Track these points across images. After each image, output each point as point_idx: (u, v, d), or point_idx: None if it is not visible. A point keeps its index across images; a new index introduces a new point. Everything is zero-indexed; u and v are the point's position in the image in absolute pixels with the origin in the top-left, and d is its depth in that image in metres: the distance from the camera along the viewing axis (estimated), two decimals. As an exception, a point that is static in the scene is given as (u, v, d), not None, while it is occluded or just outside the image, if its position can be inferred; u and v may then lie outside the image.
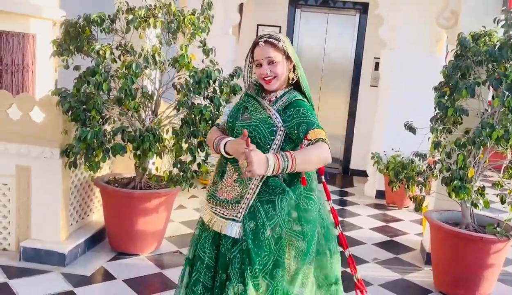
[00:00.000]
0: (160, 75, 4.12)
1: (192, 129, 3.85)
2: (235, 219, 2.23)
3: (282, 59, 2.27)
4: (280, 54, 2.26)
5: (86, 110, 3.74)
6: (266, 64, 2.26)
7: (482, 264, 3.72)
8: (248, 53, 2.37)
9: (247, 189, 2.22)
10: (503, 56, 3.61)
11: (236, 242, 2.23)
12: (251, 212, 2.22)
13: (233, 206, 2.25)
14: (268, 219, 2.19)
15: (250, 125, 2.25)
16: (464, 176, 3.58)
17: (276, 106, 2.28)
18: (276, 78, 2.27)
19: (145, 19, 3.90)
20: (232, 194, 2.26)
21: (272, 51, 2.25)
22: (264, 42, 2.26)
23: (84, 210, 4.38)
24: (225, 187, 2.30)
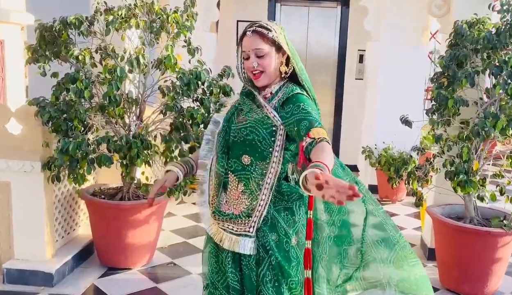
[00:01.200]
0: (143, 78, 3.89)
1: (183, 134, 3.64)
2: (247, 235, 2.02)
3: (272, 50, 2.02)
4: (269, 45, 2.02)
5: (67, 119, 3.51)
6: (253, 57, 2.02)
7: (489, 258, 3.61)
8: (238, 44, 2.11)
9: (258, 200, 2.02)
10: (502, 42, 3.49)
11: (260, 259, 2.03)
12: (269, 224, 2.03)
13: (244, 220, 2.04)
14: (289, 227, 2.03)
15: (246, 128, 2.05)
16: (469, 169, 3.45)
17: (272, 103, 2.07)
18: (264, 73, 2.04)
19: (125, 19, 3.67)
20: (240, 207, 2.06)
21: (261, 42, 2.00)
22: (252, 32, 2.01)
23: (70, 225, 4.14)
24: (231, 200, 2.08)
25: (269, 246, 2.01)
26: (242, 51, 2.07)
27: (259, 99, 2.07)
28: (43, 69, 3.69)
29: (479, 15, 3.80)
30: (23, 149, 3.58)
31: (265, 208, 2.02)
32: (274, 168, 2.01)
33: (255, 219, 2.03)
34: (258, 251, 2.03)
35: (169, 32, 3.76)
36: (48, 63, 3.70)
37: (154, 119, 3.92)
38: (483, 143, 3.59)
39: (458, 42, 3.72)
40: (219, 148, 2.13)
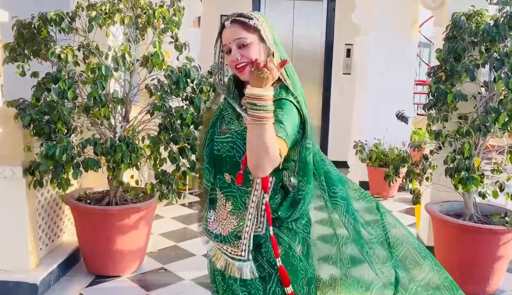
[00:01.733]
0: (129, 77, 3.71)
1: (172, 135, 3.47)
2: (241, 259, 1.83)
3: (256, 40, 1.79)
4: (253, 35, 1.78)
5: (50, 121, 3.31)
6: (235, 48, 1.77)
7: (491, 256, 3.53)
8: (216, 40, 1.86)
9: (244, 221, 1.81)
10: (501, 34, 3.39)
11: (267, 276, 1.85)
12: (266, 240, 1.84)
13: (234, 243, 1.84)
14: (292, 241, 1.86)
15: (227, 142, 1.83)
16: (470, 166, 3.35)
17: None
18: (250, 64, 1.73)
19: (109, 15, 3.49)
20: (228, 228, 1.86)
21: (242, 31, 1.77)
22: (231, 22, 1.79)
23: (54, 232, 3.95)
24: (219, 220, 1.89)
25: (274, 261, 1.83)
26: (223, 45, 1.83)
27: (235, 107, 1.82)
28: (22, 69, 3.48)
29: (476, 7, 3.70)
30: (2, 154, 3.38)
31: (252, 229, 1.80)
32: (259, 184, 1.78)
33: (245, 241, 1.81)
34: (263, 267, 1.86)
35: (156, 27, 3.59)
36: (27, 62, 3.50)
37: (141, 119, 3.74)
38: (483, 138, 3.49)
39: (456, 34, 3.61)
40: (205, 159, 1.92)
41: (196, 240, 4.56)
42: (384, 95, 5.91)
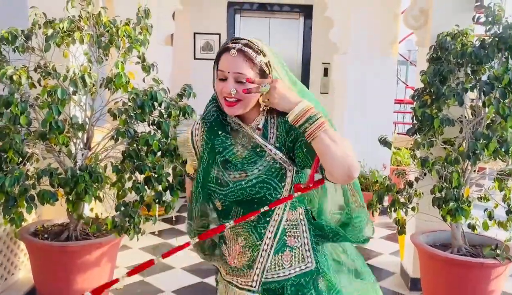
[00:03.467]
0: (91, 100, 3.41)
1: (137, 163, 3.17)
2: (250, 290, 1.75)
3: (256, 77, 1.63)
4: (254, 72, 1.64)
5: (1, 150, 2.98)
6: (232, 81, 1.62)
7: (482, 291, 3.31)
8: (215, 61, 1.70)
9: (259, 250, 1.72)
10: (489, 56, 3.21)
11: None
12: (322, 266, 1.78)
13: (245, 273, 1.76)
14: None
15: (254, 185, 1.67)
16: (459, 196, 3.13)
17: (271, 142, 1.70)
18: (241, 102, 1.64)
19: (68, 33, 3.19)
20: (243, 260, 1.76)
21: (245, 66, 1.62)
22: (238, 50, 1.62)
23: (8, 269, 3.59)
24: (233, 254, 1.78)
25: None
26: (218, 70, 1.66)
27: (257, 139, 1.69)
28: (-30, 91, 3.16)
29: (460, 26, 3.53)
30: None
31: (267, 259, 1.72)
32: (279, 215, 1.71)
33: (257, 271, 1.74)
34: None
35: (120, 47, 3.30)
36: (-23, 84, 3.17)
37: (104, 145, 3.43)
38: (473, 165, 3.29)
39: (441, 56, 3.41)
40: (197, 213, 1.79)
41: (166, 274, 4.25)
42: (363, 114, 5.73)
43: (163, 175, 3.15)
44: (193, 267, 4.33)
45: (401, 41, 7.48)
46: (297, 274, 1.73)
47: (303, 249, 1.75)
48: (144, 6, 3.45)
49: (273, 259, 1.73)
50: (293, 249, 1.74)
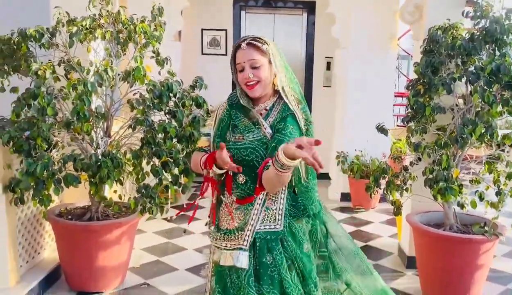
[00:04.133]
0: (110, 92, 3.70)
1: (155, 149, 3.46)
2: (242, 248, 2.05)
3: (266, 63, 2.08)
4: (264, 58, 2.08)
5: (30, 138, 3.28)
6: (248, 68, 2.07)
7: (472, 266, 3.57)
8: (232, 58, 2.15)
9: (250, 215, 2.07)
10: (477, 48, 3.48)
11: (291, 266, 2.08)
12: (291, 233, 2.11)
13: (236, 235, 2.08)
14: (303, 236, 2.14)
15: (246, 148, 2.08)
16: (449, 177, 3.40)
17: (269, 121, 2.10)
18: (259, 83, 2.08)
19: (90, 30, 3.48)
20: (234, 223, 2.11)
21: (256, 54, 2.06)
22: (247, 44, 2.07)
23: (35, 248, 3.90)
24: (224, 215, 2.17)
25: (295, 254, 2.08)
26: (237, 64, 2.10)
27: (257, 117, 2.10)
28: (1, 84, 3.46)
29: (452, 20, 3.78)
30: (-19, 172, 3.33)
31: (257, 222, 2.06)
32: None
33: (248, 233, 2.06)
34: (287, 260, 2.07)
35: (137, 42, 3.59)
36: (7, 78, 3.47)
37: (122, 134, 3.73)
38: (460, 149, 3.56)
39: (432, 48, 3.68)
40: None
41: (179, 254, 4.56)
42: (364, 107, 5.98)
43: (180, 159, 3.44)
44: (204, 248, 4.63)
45: (402, 36, 7.71)
46: (266, 230, 2.07)
47: (277, 212, 2.08)
48: (158, 4, 3.74)
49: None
50: (268, 210, 2.09)
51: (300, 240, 2.12)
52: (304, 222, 2.16)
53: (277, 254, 2.06)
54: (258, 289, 2.03)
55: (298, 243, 2.11)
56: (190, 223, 2.23)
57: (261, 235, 2.07)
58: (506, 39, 3.40)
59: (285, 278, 2.04)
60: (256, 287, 2.03)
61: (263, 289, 2.03)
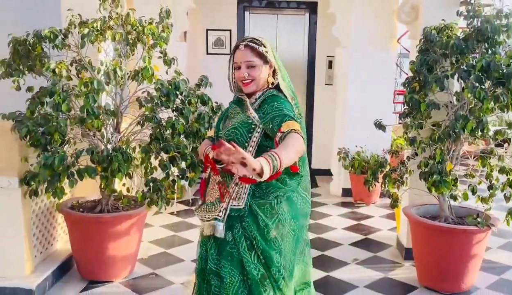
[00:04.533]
0: (120, 90, 3.89)
1: (163, 144, 3.64)
2: (216, 218, 2.27)
3: (261, 63, 2.32)
4: (259, 59, 2.31)
5: (46, 133, 3.47)
6: (244, 68, 2.31)
7: (465, 255, 3.74)
8: (230, 56, 2.39)
9: (228, 188, 2.28)
10: (469, 47, 3.64)
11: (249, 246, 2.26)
12: (251, 215, 2.26)
13: (216, 207, 2.29)
14: (269, 219, 2.25)
15: (229, 129, 2.33)
16: (442, 170, 3.57)
17: (254, 106, 2.33)
18: (253, 81, 2.32)
19: (101, 32, 3.67)
20: (215, 195, 2.33)
21: (251, 55, 2.30)
22: (244, 46, 2.31)
23: (48, 240, 4.09)
24: (210, 190, 2.39)
25: (254, 235, 2.23)
26: (234, 63, 2.35)
27: (246, 104, 2.34)
28: (17, 83, 3.65)
29: (447, 20, 3.94)
30: (-1, 165, 3.52)
31: (232, 195, 2.26)
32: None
33: (225, 205, 2.27)
34: (246, 239, 2.25)
35: (145, 43, 3.78)
36: (23, 77, 3.66)
37: (131, 130, 3.92)
38: (454, 144, 3.72)
39: (428, 47, 3.85)
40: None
41: (185, 246, 4.74)
42: (365, 104, 6.13)
43: (187, 154, 3.62)
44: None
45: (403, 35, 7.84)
46: (232, 207, 2.27)
47: (243, 190, 2.26)
48: (165, 7, 3.92)
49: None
50: (238, 186, 2.27)
51: (263, 224, 2.23)
52: (270, 206, 2.25)
53: (237, 232, 2.25)
54: (218, 263, 2.26)
55: (258, 226, 2.23)
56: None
57: (230, 211, 2.27)
58: (497, 38, 3.56)
59: (244, 256, 2.23)
60: (217, 261, 2.26)
61: (221, 264, 2.25)
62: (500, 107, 3.60)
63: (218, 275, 2.27)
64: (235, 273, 2.24)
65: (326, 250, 4.63)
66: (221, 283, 2.26)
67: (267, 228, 2.24)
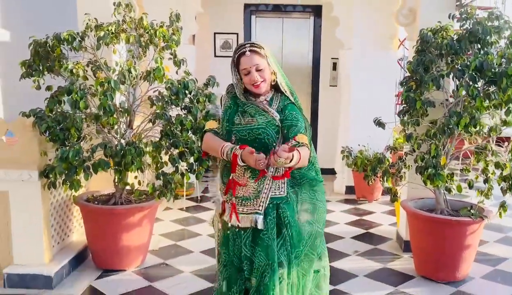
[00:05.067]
0: (132, 90, 4.12)
1: (173, 140, 3.88)
2: (257, 212, 2.50)
3: (266, 64, 2.54)
4: (264, 60, 2.53)
5: (64, 129, 3.71)
6: (254, 71, 2.50)
7: (460, 246, 3.93)
8: (232, 62, 2.58)
9: (263, 184, 2.50)
10: (462, 47, 3.84)
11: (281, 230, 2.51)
12: (287, 203, 2.51)
13: (253, 202, 2.51)
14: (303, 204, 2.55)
15: (258, 128, 2.51)
16: (437, 164, 3.77)
17: (273, 107, 2.55)
18: (264, 82, 2.54)
19: (115, 34, 3.91)
20: (249, 190, 2.52)
21: (258, 59, 2.51)
22: (250, 51, 2.50)
23: (64, 231, 4.32)
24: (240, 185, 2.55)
25: (288, 221, 2.49)
26: (243, 69, 2.52)
27: (264, 105, 2.55)
28: (37, 83, 3.89)
29: (443, 23, 4.15)
30: (20, 159, 3.75)
31: (269, 191, 2.50)
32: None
33: (263, 199, 2.50)
34: (277, 226, 2.50)
35: (157, 45, 4.01)
36: (42, 77, 3.91)
37: (143, 127, 4.15)
38: (449, 140, 3.91)
39: (424, 48, 4.05)
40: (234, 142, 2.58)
41: (194, 239, 4.97)
42: (367, 105, 6.32)
43: (195, 149, 3.85)
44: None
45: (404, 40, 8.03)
46: (270, 197, 2.51)
47: (280, 182, 2.52)
48: (175, 11, 4.16)
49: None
50: (274, 181, 2.52)
51: (297, 209, 2.54)
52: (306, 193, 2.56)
53: (270, 219, 2.50)
54: (252, 249, 2.51)
55: (293, 211, 2.52)
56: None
57: (270, 200, 2.51)
58: (488, 39, 3.76)
59: (272, 243, 2.47)
60: (251, 248, 2.51)
61: (254, 250, 2.49)
62: (494, 105, 3.80)
63: (251, 260, 2.52)
64: (262, 258, 2.48)
65: (328, 243, 4.77)
66: (251, 267, 2.51)
67: (300, 213, 2.53)
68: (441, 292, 3.85)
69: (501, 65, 3.67)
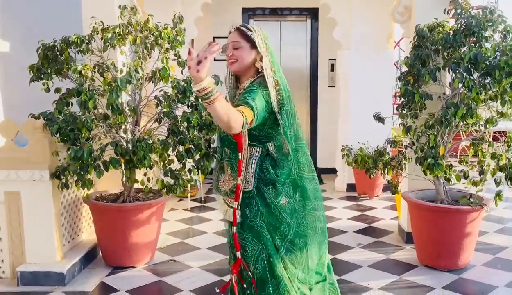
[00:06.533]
0: (138, 90, 4.24)
1: (179, 137, 3.99)
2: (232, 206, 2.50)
3: (247, 46, 2.44)
4: (246, 41, 2.44)
5: (74, 129, 3.82)
6: (231, 47, 2.45)
7: (460, 234, 4.04)
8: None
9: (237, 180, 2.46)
10: (457, 41, 3.97)
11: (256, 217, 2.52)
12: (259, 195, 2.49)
13: (231, 196, 2.52)
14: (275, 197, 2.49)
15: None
16: (436, 154, 3.89)
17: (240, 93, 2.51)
18: (238, 62, 2.45)
19: (122, 36, 4.03)
20: (229, 186, 2.54)
21: (238, 37, 2.45)
22: (235, 29, 2.49)
23: (75, 230, 4.42)
24: (224, 180, 2.59)
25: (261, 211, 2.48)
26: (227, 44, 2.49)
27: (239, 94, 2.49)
28: (46, 86, 4.01)
29: (438, 19, 4.28)
30: (31, 160, 3.86)
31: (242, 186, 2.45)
32: (245, 154, 2.43)
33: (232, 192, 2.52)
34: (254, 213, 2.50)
35: (162, 46, 4.14)
36: (51, 80, 4.02)
37: (150, 126, 4.27)
38: (447, 130, 4.04)
39: (420, 43, 4.19)
40: (218, 139, 2.68)
41: (200, 237, 5.07)
42: (365, 104, 6.44)
43: (201, 145, 3.97)
44: (223, 231, 5.13)
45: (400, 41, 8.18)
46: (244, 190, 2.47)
47: (249, 175, 2.47)
48: (178, 13, 4.29)
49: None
50: (245, 172, 2.46)
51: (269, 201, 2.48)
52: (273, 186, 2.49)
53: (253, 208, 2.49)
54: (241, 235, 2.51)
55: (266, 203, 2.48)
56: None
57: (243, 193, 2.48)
58: (483, 32, 3.89)
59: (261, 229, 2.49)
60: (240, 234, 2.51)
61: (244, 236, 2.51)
62: (490, 97, 3.93)
63: (243, 247, 2.54)
64: (255, 243, 2.52)
65: (331, 237, 4.94)
66: (245, 252, 2.54)
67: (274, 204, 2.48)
68: (444, 279, 3.96)
69: (496, 57, 3.81)
